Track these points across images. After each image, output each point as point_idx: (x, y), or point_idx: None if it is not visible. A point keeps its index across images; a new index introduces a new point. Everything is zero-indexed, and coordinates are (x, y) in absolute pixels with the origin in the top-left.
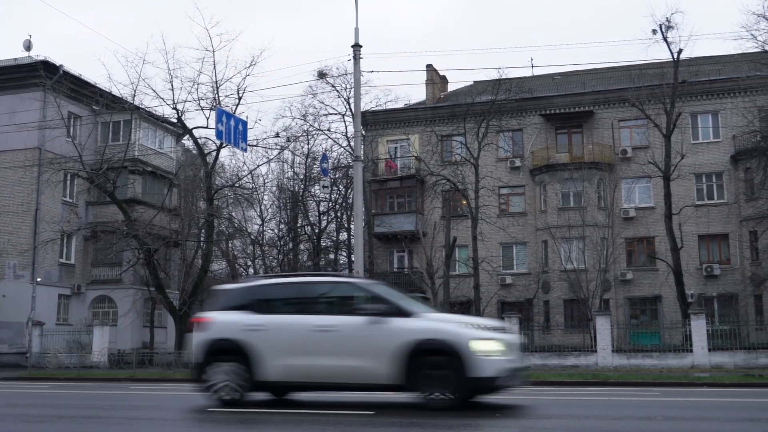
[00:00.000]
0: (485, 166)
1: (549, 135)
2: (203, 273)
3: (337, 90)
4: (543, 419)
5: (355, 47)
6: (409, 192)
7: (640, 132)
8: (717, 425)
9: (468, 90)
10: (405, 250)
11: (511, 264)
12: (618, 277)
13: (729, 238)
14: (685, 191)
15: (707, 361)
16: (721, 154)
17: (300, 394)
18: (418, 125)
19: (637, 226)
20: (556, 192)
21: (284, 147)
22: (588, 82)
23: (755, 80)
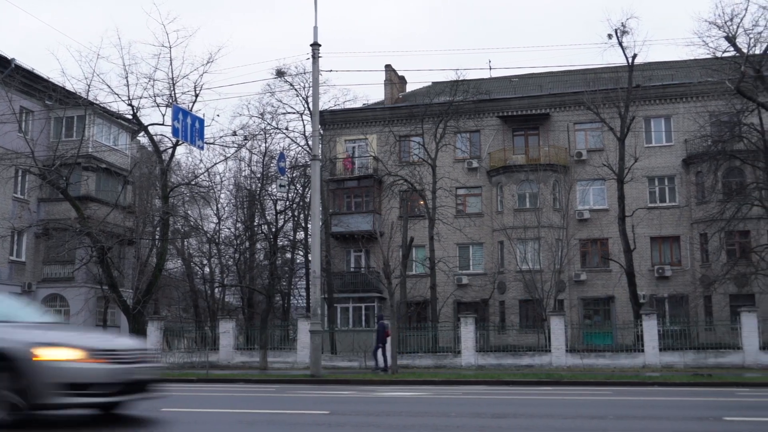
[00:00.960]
0: (442, 166)
1: (506, 137)
2: (158, 272)
3: (296, 89)
4: (498, 419)
5: (314, 46)
6: (367, 192)
7: (595, 135)
8: (667, 424)
9: (426, 91)
10: (362, 250)
11: (467, 264)
12: (572, 278)
13: (680, 240)
14: (638, 194)
15: (658, 360)
16: (673, 157)
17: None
18: (377, 125)
19: (591, 228)
20: (512, 193)
21: (241, 145)
22: (545, 84)
23: (707, 86)
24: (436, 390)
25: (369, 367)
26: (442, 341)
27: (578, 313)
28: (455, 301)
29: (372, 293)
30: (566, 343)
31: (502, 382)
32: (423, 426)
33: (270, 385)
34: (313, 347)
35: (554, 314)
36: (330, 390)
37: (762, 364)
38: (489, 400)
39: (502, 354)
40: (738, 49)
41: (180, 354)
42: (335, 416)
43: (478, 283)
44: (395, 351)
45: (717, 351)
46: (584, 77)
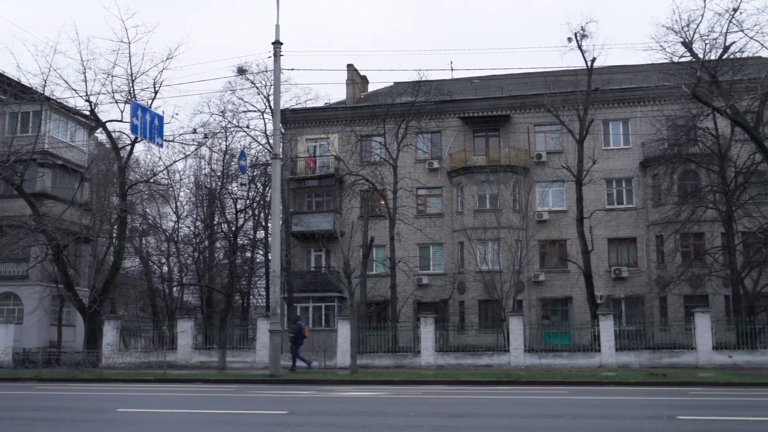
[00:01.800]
0: (404, 167)
1: (467, 138)
2: (115, 270)
3: (257, 87)
4: (455, 418)
5: (275, 44)
6: (328, 191)
7: (555, 137)
8: (621, 423)
9: (388, 91)
10: (323, 250)
11: (427, 264)
12: (531, 279)
13: (637, 242)
14: (596, 196)
15: (614, 360)
16: (631, 160)
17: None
18: (338, 125)
19: (550, 229)
20: (472, 194)
21: (201, 143)
22: (506, 86)
23: (664, 90)
24: (395, 390)
25: (326, 367)
26: (402, 341)
27: (537, 313)
28: (415, 301)
29: (332, 293)
30: (525, 343)
31: (461, 382)
32: (381, 426)
33: (228, 385)
34: (273, 347)
35: (513, 314)
36: (289, 390)
37: (715, 364)
38: (447, 399)
39: (462, 354)
40: (694, 55)
41: (137, 354)
42: (294, 416)
43: (438, 283)
44: (354, 351)
45: (671, 351)
46: (544, 80)
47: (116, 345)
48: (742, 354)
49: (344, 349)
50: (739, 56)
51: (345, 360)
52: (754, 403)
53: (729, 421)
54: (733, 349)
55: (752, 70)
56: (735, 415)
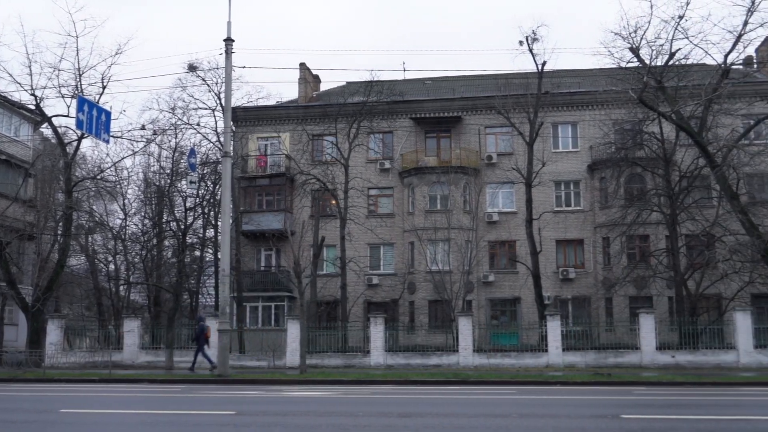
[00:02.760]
0: (355, 166)
1: (418, 138)
2: (59, 268)
3: (208, 84)
4: (403, 418)
5: (227, 41)
6: (279, 190)
7: (505, 139)
8: (567, 422)
9: (340, 90)
10: (273, 249)
11: (378, 264)
12: (480, 279)
13: (584, 244)
14: (545, 197)
15: (561, 360)
16: (579, 163)
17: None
18: (290, 123)
19: (500, 230)
20: (423, 194)
21: (150, 140)
22: (457, 88)
23: (611, 94)
24: (344, 390)
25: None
26: (352, 341)
27: (486, 313)
28: (365, 301)
29: (282, 292)
30: (473, 343)
31: (410, 381)
32: (330, 425)
33: (176, 385)
34: (221, 347)
35: (462, 315)
36: (237, 390)
37: (658, 364)
38: (396, 399)
39: (411, 354)
40: (641, 60)
41: (82, 353)
42: (241, 416)
43: (388, 283)
44: (304, 351)
45: (617, 351)
46: (496, 82)
47: (60, 344)
48: (684, 354)
49: (293, 349)
50: (684, 63)
51: (294, 360)
52: (696, 402)
53: (671, 419)
54: (676, 350)
55: (697, 76)
56: (677, 414)
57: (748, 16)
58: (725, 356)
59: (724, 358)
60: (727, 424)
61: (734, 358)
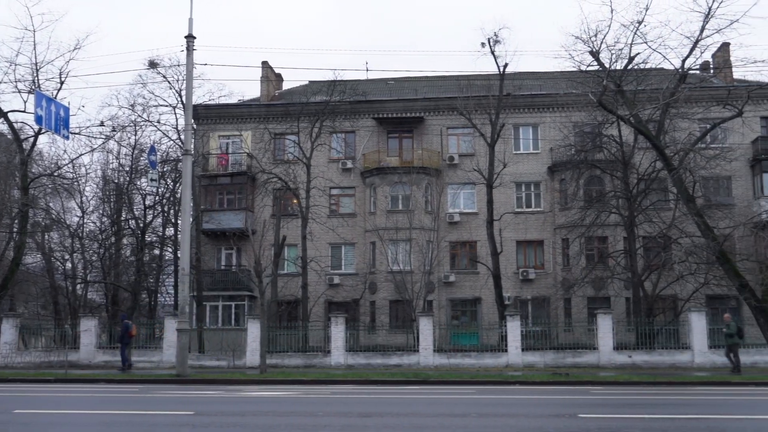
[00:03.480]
0: (317, 166)
1: (381, 138)
2: (15, 266)
3: (169, 81)
4: (363, 417)
5: (188, 38)
6: (240, 189)
7: (467, 140)
8: (525, 421)
9: (303, 89)
10: (233, 248)
11: (339, 264)
12: (441, 279)
13: (544, 245)
14: (506, 198)
15: (520, 360)
16: (540, 165)
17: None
18: (252, 122)
19: (461, 231)
20: (385, 195)
21: (109, 137)
22: (420, 88)
23: (572, 97)
24: (304, 389)
25: (234, 366)
26: (313, 341)
27: (446, 313)
28: (326, 301)
29: (242, 292)
30: (434, 343)
31: (371, 381)
32: (289, 425)
33: (133, 385)
34: (180, 346)
35: (423, 315)
36: (196, 390)
37: (615, 364)
38: (357, 399)
39: (372, 354)
40: (601, 64)
41: (37, 353)
42: (200, 417)
43: (349, 283)
44: (264, 350)
45: (575, 351)
46: (458, 83)
47: (15, 344)
48: (641, 354)
49: (254, 349)
50: (643, 67)
51: (254, 359)
52: (651, 402)
53: (627, 418)
54: (633, 350)
55: (655, 80)
56: (633, 413)
57: (705, 23)
58: (680, 356)
59: (679, 358)
60: (682, 422)
61: (689, 358)
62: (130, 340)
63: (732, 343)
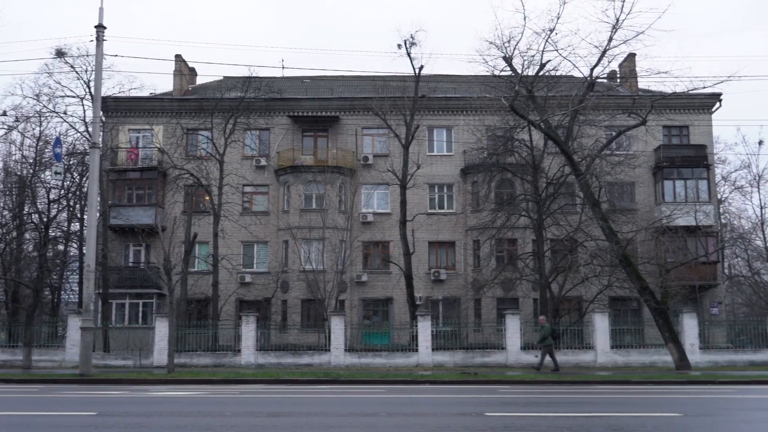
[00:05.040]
0: (230, 163)
1: (295, 137)
2: None
3: (77, 71)
4: (272, 417)
5: (98, 28)
6: (150, 184)
7: (382, 141)
8: (433, 420)
9: (217, 85)
10: (142, 245)
11: (251, 263)
12: (354, 279)
13: (456, 246)
14: (419, 200)
15: (431, 360)
16: (453, 167)
17: None
18: (164, 116)
19: (374, 231)
20: (299, 193)
21: (12, 127)
22: (336, 88)
23: (485, 101)
24: (213, 389)
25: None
26: (223, 340)
27: (358, 313)
28: (238, 300)
29: (151, 289)
30: (345, 343)
31: (281, 381)
32: (196, 426)
33: (34, 385)
34: (84, 345)
35: (335, 314)
36: (100, 390)
37: (522, 363)
38: (266, 399)
39: (283, 353)
40: (513, 70)
41: None
42: (103, 417)
43: (261, 281)
44: (172, 349)
45: (484, 351)
46: (374, 84)
47: None
48: None
49: (161, 348)
50: (554, 74)
51: (162, 359)
52: (555, 400)
53: (532, 416)
54: (539, 350)
55: (565, 87)
56: (538, 411)
57: (612, 33)
58: (584, 356)
59: (583, 358)
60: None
61: (592, 358)
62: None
63: (547, 344)
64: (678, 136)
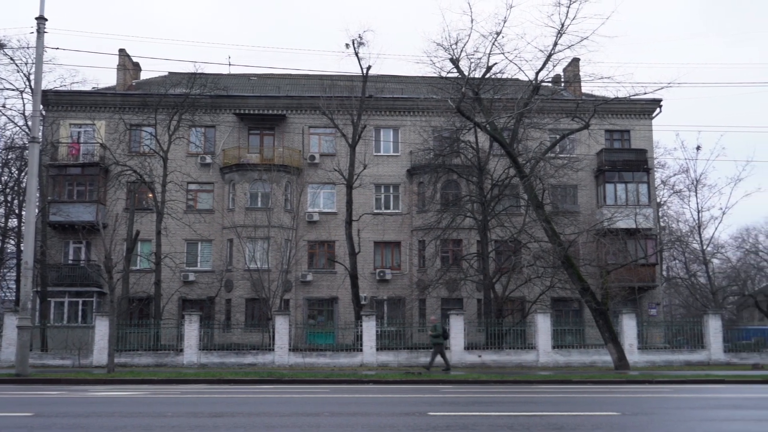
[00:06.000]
0: (174, 160)
1: (242, 135)
2: None
3: (16, 64)
4: (215, 418)
5: (39, 19)
6: (92, 180)
7: (329, 140)
8: (377, 419)
9: (162, 80)
10: (83, 242)
11: (195, 261)
12: (299, 279)
13: (401, 246)
14: (365, 200)
15: (375, 359)
16: (399, 167)
17: None
18: (106, 111)
19: (320, 230)
20: (244, 192)
21: None
22: (283, 86)
23: (432, 102)
24: (154, 389)
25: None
26: (165, 339)
27: (303, 312)
28: (180, 298)
29: (91, 288)
30: (290, 342)
31: (224, 381)
32: (136, 427)
33: None
34: (21, 344)
35: (279, 313)
36: (37, 390)
37: (466, 363)
38: (208, 399)
39: (226, 352)
40: (460, 72)
41: None
42: (40, 418)
43: (205, 280)
44: (113, 349)
45: (428, 351)
46: (321, 83)
47: None
48: (490, 354)
49: (101, 347)
50: (500, 77)
51: (102, 359)
52: (498, 400)
53: (474, 416)
54: (483, 349)
55: (510, 90)
56: (480, 411)
57: (557, 38)
58: (527, 356)
59: (525, 358)
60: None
61: (534, 358)
62: None
63: (437, 343)
64: (620, 141)
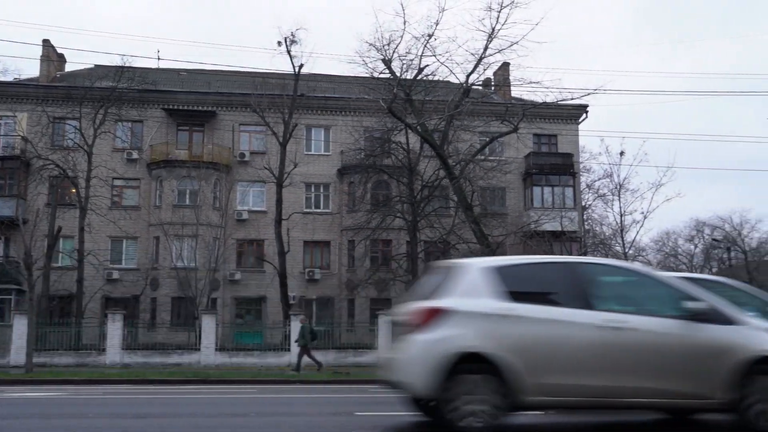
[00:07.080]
0: (100, 155)
1: (170, 130)
2: None
3: None
4: (139, 419)
5: None
6: (11, 174)
7: (259, 138)
8: (304, 419)
9: (88, 73)
10: (1, 238)
11: (119, 258)
12: (227, 277)
13: (331, 246)
14: (295, 198)
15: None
16: (330, 166)
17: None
18: (28, 103)
19: (249, 229)
20: (172, 188)
21: None
22: (213, 82)
23: (363, 102)
24: (75, 390)
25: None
26: (87, 338)
27: (231, 312)
28: (104, 297)
29: (9, 285)
30: (216, 342)
31: (148, 381)
32: (56, 428)
33: None
34: None
35: (206, 312)
36: None
37: None
38: (132, 399)
39: (151, 352)
40: (392, 72)
41: None
42: None
43: (130, 278)
44: (31, 348)
45: (356, 350)
46: (253, 80)
47: None
48: None
49: (19, 346)
50: (432, 79)
51: (20, 358)
52: None
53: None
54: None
55: (442, 92)
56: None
57: (488, 42)
58: None
59: None
60: None
61: None
62: None
63: (302, 344)
64: (547, 145)
